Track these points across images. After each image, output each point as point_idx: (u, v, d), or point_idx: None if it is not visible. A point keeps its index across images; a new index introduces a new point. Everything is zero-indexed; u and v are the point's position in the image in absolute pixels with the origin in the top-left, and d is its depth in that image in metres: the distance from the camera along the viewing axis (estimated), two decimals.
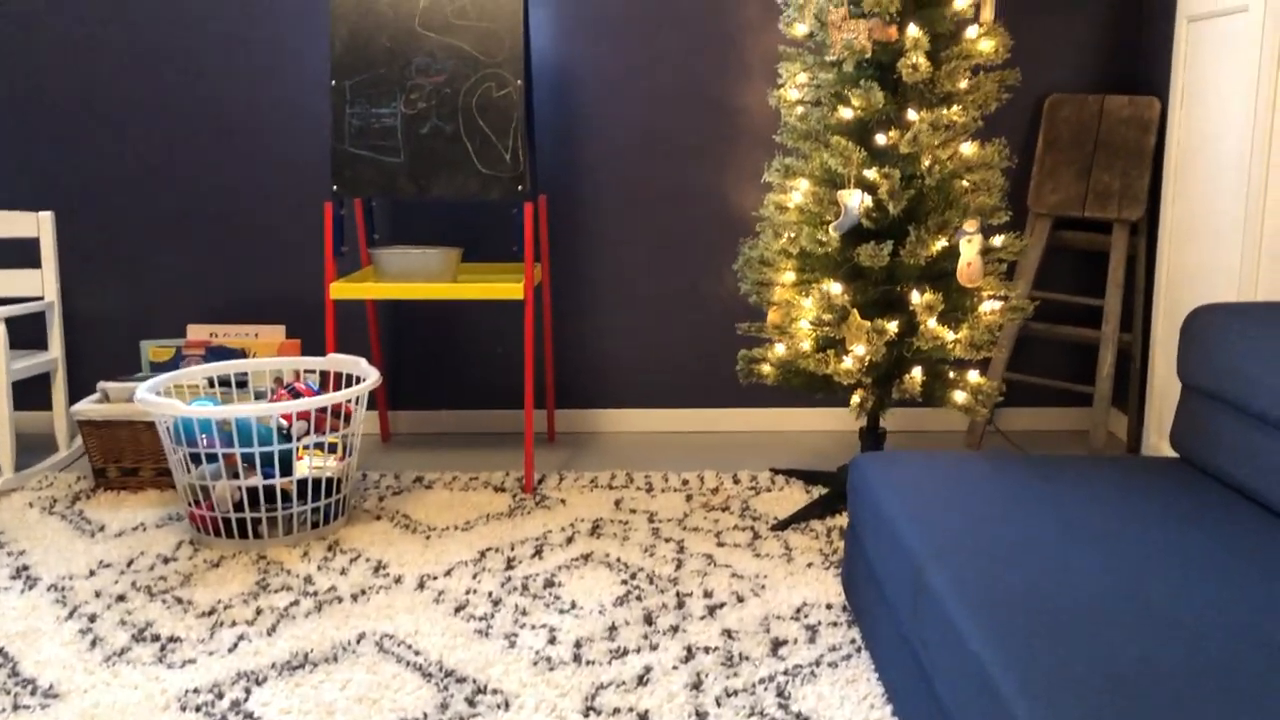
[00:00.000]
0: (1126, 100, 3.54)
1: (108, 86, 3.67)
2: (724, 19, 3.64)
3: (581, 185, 3.73)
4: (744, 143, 3.70)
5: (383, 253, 3.28)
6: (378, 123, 3.25)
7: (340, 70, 3.25)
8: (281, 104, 3.67)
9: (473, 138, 3.24)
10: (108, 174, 3.72)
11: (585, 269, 3.79)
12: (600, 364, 3.85)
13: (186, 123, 3.69)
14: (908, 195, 2.75)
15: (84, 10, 3.63)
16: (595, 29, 3.64)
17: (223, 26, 3.63)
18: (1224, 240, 3.05)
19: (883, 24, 2.75)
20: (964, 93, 2.82)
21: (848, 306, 2.82)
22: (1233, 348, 2.19)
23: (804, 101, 2.95)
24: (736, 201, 3.74)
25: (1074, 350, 3.86)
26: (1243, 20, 2.96)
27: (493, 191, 3.23)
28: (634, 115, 3.70)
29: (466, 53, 3.24)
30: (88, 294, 3.79)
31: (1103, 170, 3.56)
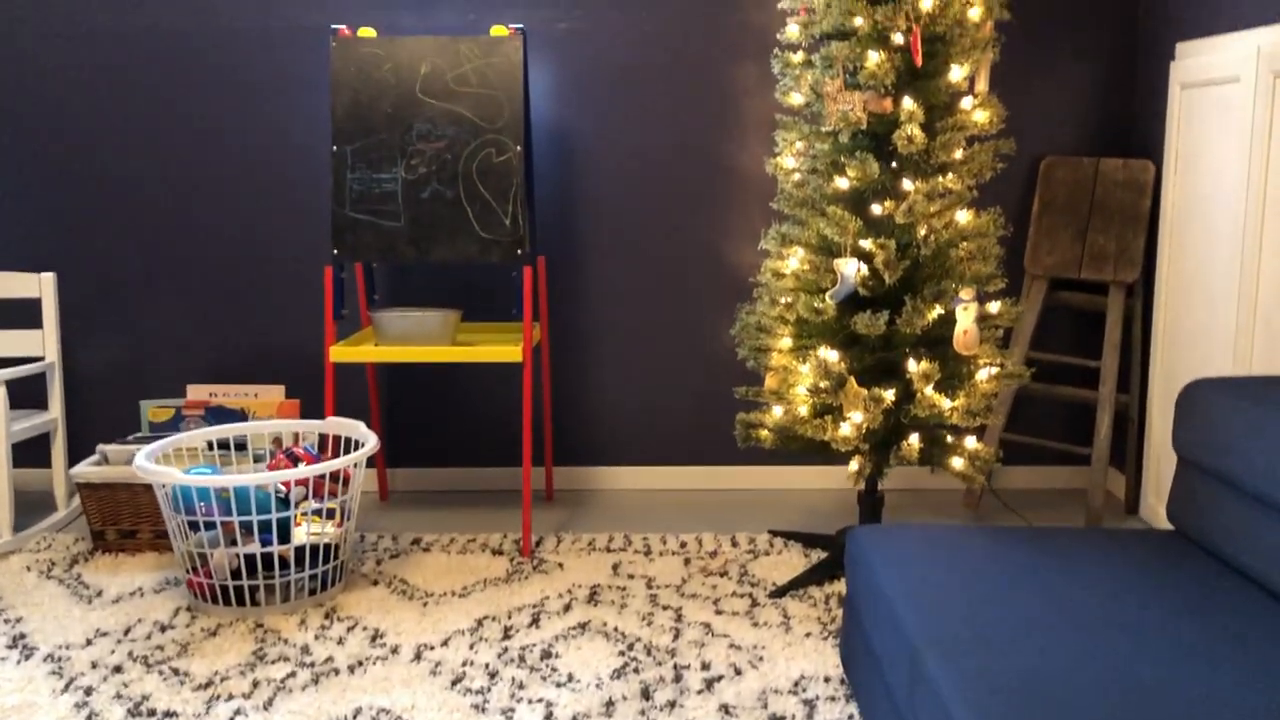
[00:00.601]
0: (1121, 163, 3.58)
1: (109, 147, 3.70)
2: (721, 82, 3.67)
3: (580, 245, 3.76)
4: (741, 202, 3.73)
5: (382, 315, 3.29)
6: (378, 188, 3.27)
7: (341, 136, 3.28)
8: (283, 166, 3.70)
9: (473, 202, 3.27)
10: (109, 233, 3.75)
11: (584, 327, 3.81)
12: (599, 421, 3.86)
13: (188, 183, 3.72)
14: (903, 265, 2.77)
15: (87, 72, 3.67)
16: (594, 92, 3.68)
17: (226, 89, 3.67)
18: (1219, 305, 3.07)
19: (878, 96, 2.79)
20: (959, 163, 2.85)
21: (844, 374, 2.84)
22: (1227, 425, 2.20)
23: (800, 170, 2.97)
24: (734, 260, 3.77)
25: (1072, 410, 3.87)
26: (1235, 90, 2.99)
27: (492, 255, 3.26)
28: (632, 176, 3.73)
29: (467, 119, 3.27)
30: (88, 352, 3.81)
31: (1098, 232, 3.58)
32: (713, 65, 3.68)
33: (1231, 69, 2.99)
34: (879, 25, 2.74)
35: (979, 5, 2.77)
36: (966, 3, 2.76)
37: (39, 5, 3.64)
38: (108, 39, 3.65)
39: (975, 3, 2.77)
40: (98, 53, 3.66)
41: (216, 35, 3.65)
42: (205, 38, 3.65)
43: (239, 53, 3.65)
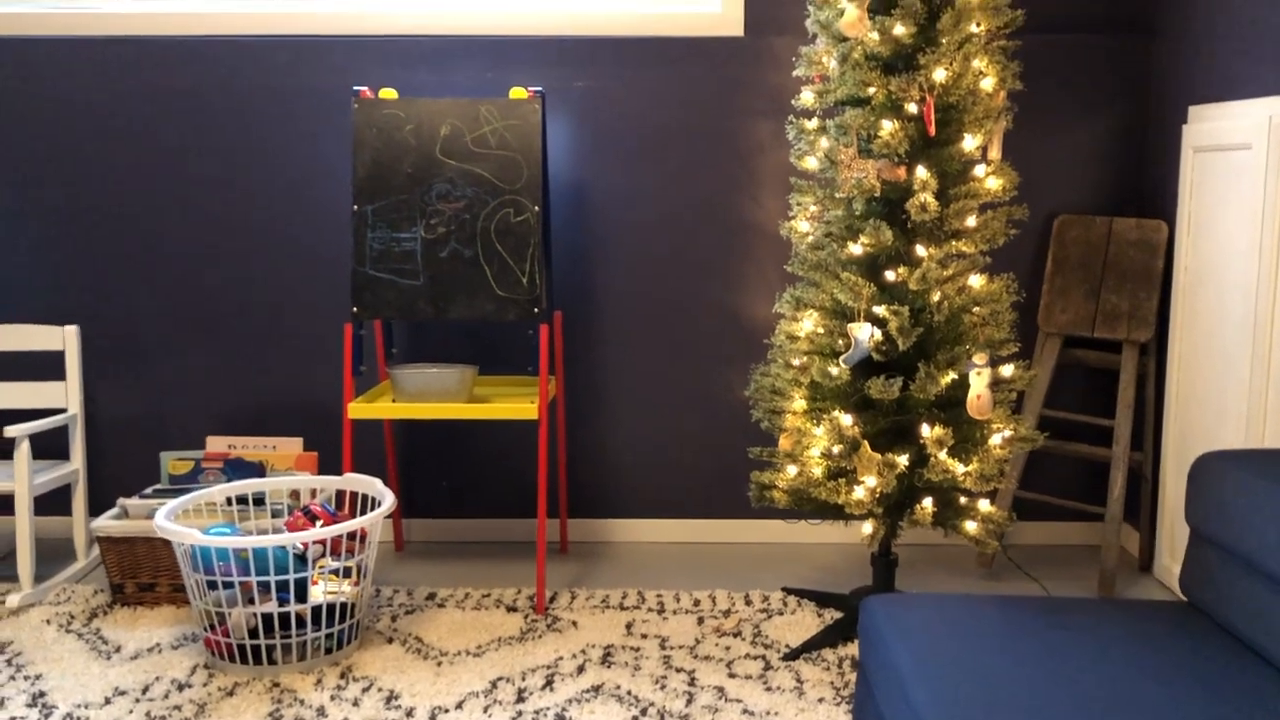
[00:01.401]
0: (1134, 223, 3.60)
1: (133, 201, 3.77)
2: (737, 139, 3.72)
3: (597, 299, 3.80)
4: (756, 258, 3.77)
5: (400, 372, 3.33)
6: (398, 246, 3.32)
7: (362, 196, 3.33)
8: (304, 223, 3.76)
9: (491, 262, 3.31)
10: (131, 285, 3.80)
11: (600, 380, 3.84)
12: (614, 473, 3.89)
13: (211, 237, 3.78)
14: (917, 332, 2.80)
15: (112, 128, 3.73)
16: (611, 148, 3.73)
17: (249, 147, 3.73)
18: (1232, 367, 3.08)
19: (891, 165, 2.82)
20: (972, 230, 2.88)
21: (858, 438, 2.86)
22: (1238, 500, 2.21)
23: (815, 234, 3.00)
24: (749, 314, 3.80)
25: (1086, 467, 3.87)
26: (1246, 157, 3.02)
27: (509, 314, 3.29)
28: (648, 231, 3.77)
29: (486, 179, 3.32)
30: (109, 402, 3.86)
31: (1111, 292, 3.60)
32: (729, 123, 3.72)
33: (1243, 136, 3.02)
34: (893, 95, 2.78)
35: (992, 76, 2.81)
36: (979, 73, 2.80)
37: (64, 62, 3.71)
38: (132, 96, 3.72)
39: (988, 73, 2.80)
40: (122, 109, 3.73)
41: (240, 93, 3.71)
42: (229, 96, 3.72)
43: (262, 111, 3.72)
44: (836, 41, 2.90)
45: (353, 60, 3.70)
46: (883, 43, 2.78)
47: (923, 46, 2.78)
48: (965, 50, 2.76)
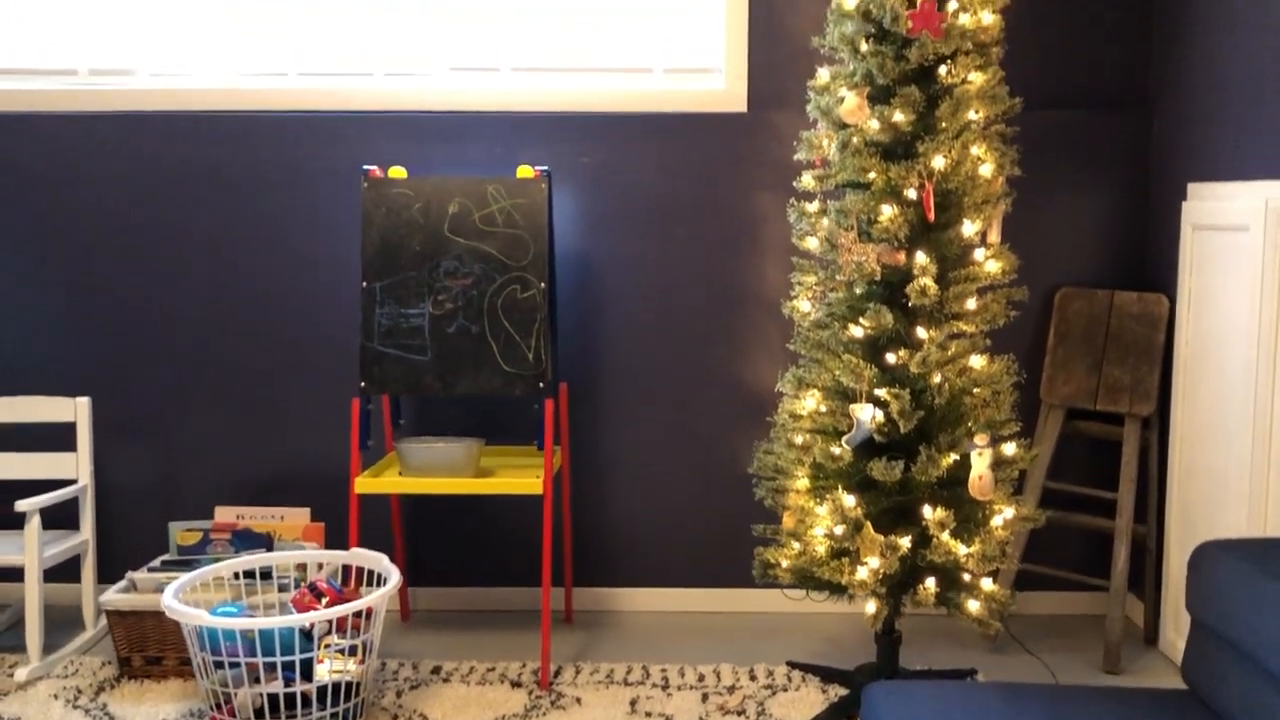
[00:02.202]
0: (1135, 297, 3.63)
1: (145, 272, 3.82)
2: (740, 211, 3.77)
3: (601, 370, 3.83)
4: (758, 327, 3.80)
5: (406, 446, 3.37)
6: (406, 322, 3.37)
7: (371, 272, 3.38)
8: (313, 297, 3.81)
9: (497, 337, 3.35)
10: (142, 357, 3.86)
11: (605, 450, 3.87)
12: (619, 542, 3.90)
13: (221, 310, 3.83)
14: (918, 415, 2.82)
15: (123, 202, 3.80)
16: (616, 221, 3.78)
17: (260, 222, 3.79)
18: (1234, 444, 3.09)
19: (891, 249, 2.86)
20: (972, 312, 2.91)
21: (861, 519, 2.87)
22: (1240, 594, 2.22)
23: (816, 314, 3.04)
24: (752, 383, 3.83)
25: (1089, 539, 3.87)
26: (1245, 239, 3.05)
27: (515, 388, 3.33)
28: (653, 302, 3.81)
29: (493, 257, 3.37)
30: (118, 471, 3.90)
31: (1113, 364, 3.62)
32: (733, 196, 3.77)
33: (1241, 218, 3.05)
34: (892, 181, 2.83)
35: (990, 162, 2.85)
36: (978, 159, 2.84)
37: (76, 136, 3.78)
38: (144, 169, 3.79)
39: (987, 159, 2.85)
40: (133, 182, 3.80)
41: (251, 168, 3.78)
42: (241, 170, 3.78)
43: (273, 185, 3.78)
44: (837, 127, 2.95)
45: (363, 135, 3.76)
46: (882, 130, 2.83)
47: (921, 134, 2.83)
48: (964, 138, 2.80)
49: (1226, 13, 3.24)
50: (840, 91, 2.89)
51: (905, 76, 2.82)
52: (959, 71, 2.80)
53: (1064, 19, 3.71)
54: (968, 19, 2.79)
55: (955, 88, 2.81)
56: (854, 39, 2.90)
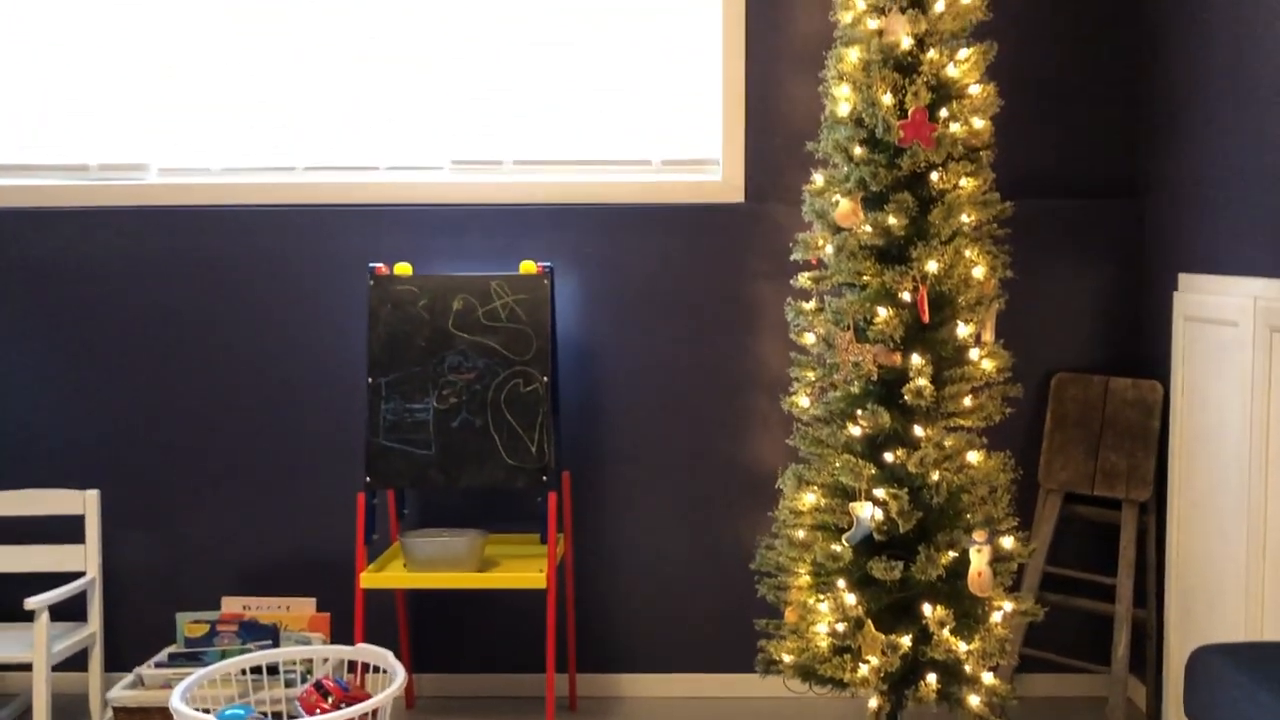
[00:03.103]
0: (1130, 383, 3.68)
1: (152, 363, 3.88)
2: (738, 300, 3.83)
3: (603, 456, 3.88)
4: (759, 412, 3.85)
5: (411, 540, 3.40)
6: (411, 417, 3.42)
7: (377, 368, 3.44)
8: (318, 391, 3.86)
9: (500, 431, 3.40)
10: (150, 444, 3.90)
11: (608, 536, 3.90)
12: (623, 628, 3.93)
13: (228, 403, 3.89)
14: (916, 515, 2.86)
15: (131, 290, 3.87)
16: (617, 310, 3.84)
17: (267, 313, 3.86)
18: (1230, 533, 3.12)
19: (887, 350, 2.92)
20: (968, 410, 2.96)
21: (862, 616, 2.91)
22: (1237, 703, 2.24)
23: (815, 412, 3.09)
24: (753, 468, 3.87)
25: (1090, 621, 3.89)
26: (1234, 334, 3.10)
27: (518, 481, 3.38)
28: (653, 389, 3.86)
29: (497, 351, 3.43)
30: (125, 560, 3.93)
31: (1110, 450, 3.67)
32: (732, 285, 3.84)
33: (1230, 314, 3.11)
34: (886, 284, 2.89)
35: (983, 265, 2.92)
36: (971, 262, 2.91)
37: (85, 230, 3.86)
38: (151, 262, 3.87)
39: (979, 262, 2.91)
40: (140, 275, 3.87)
41: (258, 261, 3.85)
42: (247, 263, 3.86)
43: (280, 279, 3.85)
44: (832, 230, 3.02)
45: (368, 228, 3.83)
46: (876, 234, 2.90)
47: (915, 238, 2.90)
48: (956, 243, 2.87)
49: (1215, 107, 3.32)
50: (834, 196, 2.96)
51: (898, 183, 2.89)
52: (950, 178, 2.88)
53: (1056, 108, 3.80)
54: (958, 127, 2.87)
55: (947, 193, 2.88)
56: (847, 145, 2.97)
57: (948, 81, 2.90)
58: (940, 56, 2.87)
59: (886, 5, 2.89)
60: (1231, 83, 3.20)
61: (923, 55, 2.88)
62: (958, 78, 2.90)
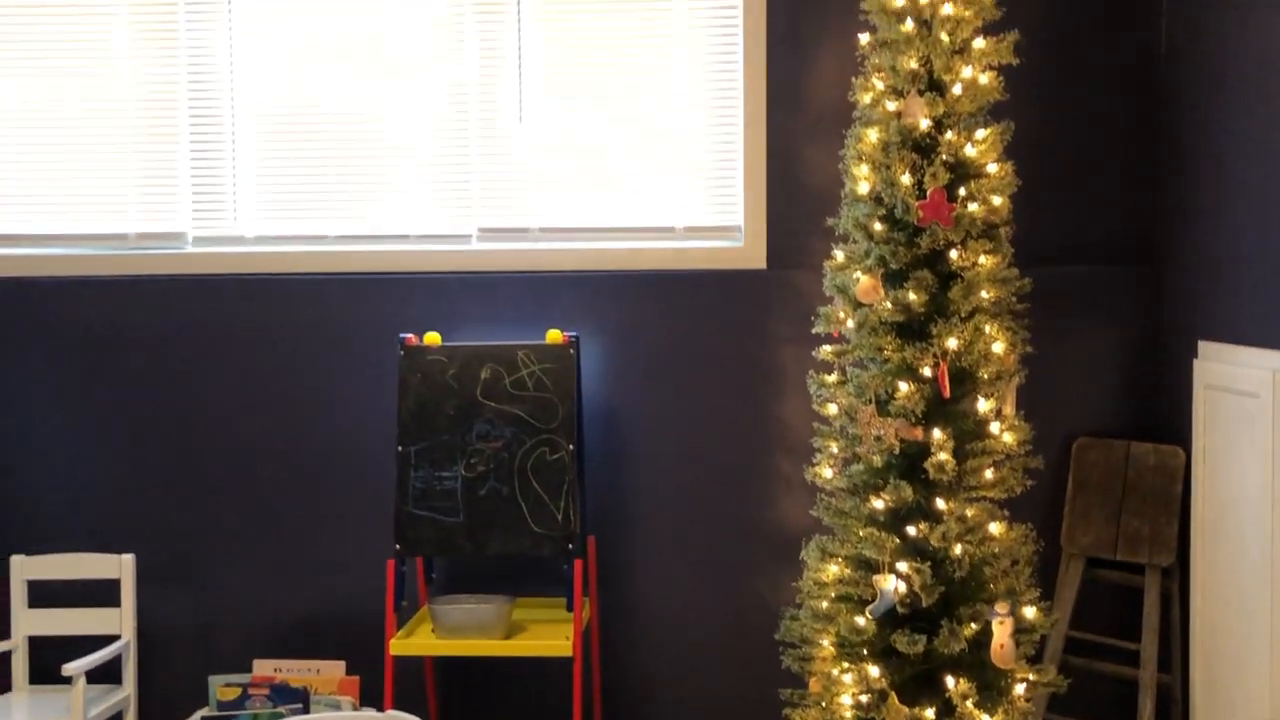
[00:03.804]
0: (1152, 448, 3.70)
1: (186, 428, 3.97)
2: (761, 365, 3.88)
3: (628, 520, 3.92)
4: (783, 475, 3.88)
5: (439, 607, 3.46)
6: (439, 485, 3.48)
7: (407, 437, 3.51)
8: (349, 458, 3.92)
9: (527, 499, 3.46)
10: (183, 508, 3.98)
11: (634, 599, 3.93)
12: (648, 694, 3.95)
13: (260, 465, 3.96)
14: (939, 589, 2.89)
15: (165, 357, 3.96)
16: (641, 374, 3.90)
17: (299, 380, 3.94)
18: (1252, 601, 3.13)
19: (909, 424, 2.96)
20: (990, 483, 3.00)
21: (886, 689, 2.93)
22: None
23: (838, 484, 3.13)
24: (778, 530, 3.89)
25: (1115, 686, 3.88)
26: (1255, 405, 3.13)
27: (544, 549, 3.44)
28: (678, 452, 3.91)
29: (524, 420, 3.50)
30: (159, 620, 3.99)
31: (1132, 515, 3.68)
32: (754, 350, 3.89)
33: (1250, 385, 3.14)
34: (907, 360, 2.93)
35: (1002, 341, 2.96)
36: (991, 338, 2.95)
37: (119, 298, 3.96)
38: (184, 329, 3.96)
39: (999, 338, 2.95)
40: (174, 342, 3.97)
41: (290, 329, 3.94)
42: (280, 331, 3.94)
43: (311, 346, 3.94)
44: (853, 305, 3.07)
45: (398, 296, 3.91)
46: (896, 311, 2.95)
47: (934, 314, 2.94)
48: (976, 320, 2.92)
49: (1235, 174, 3.36)
50: (855, 273, 3.02)
51: (917, 260, 2.94)
52: (969, 255, 2.93)
53: (1075, 175, 3.84)
54: (977, 207, 2.92)
55: (966, 271, 2.93)
56: (866, 222, 3.03)
57: (966, 161, 2.96)
58: (958, 137, 2.93)
59: (905, 88, 2.96)
60: (1251, 150, 3.24)
61: (941, 136, 2.94)
62: (975, 157, 2.96)
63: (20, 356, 4.02)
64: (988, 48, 2.97)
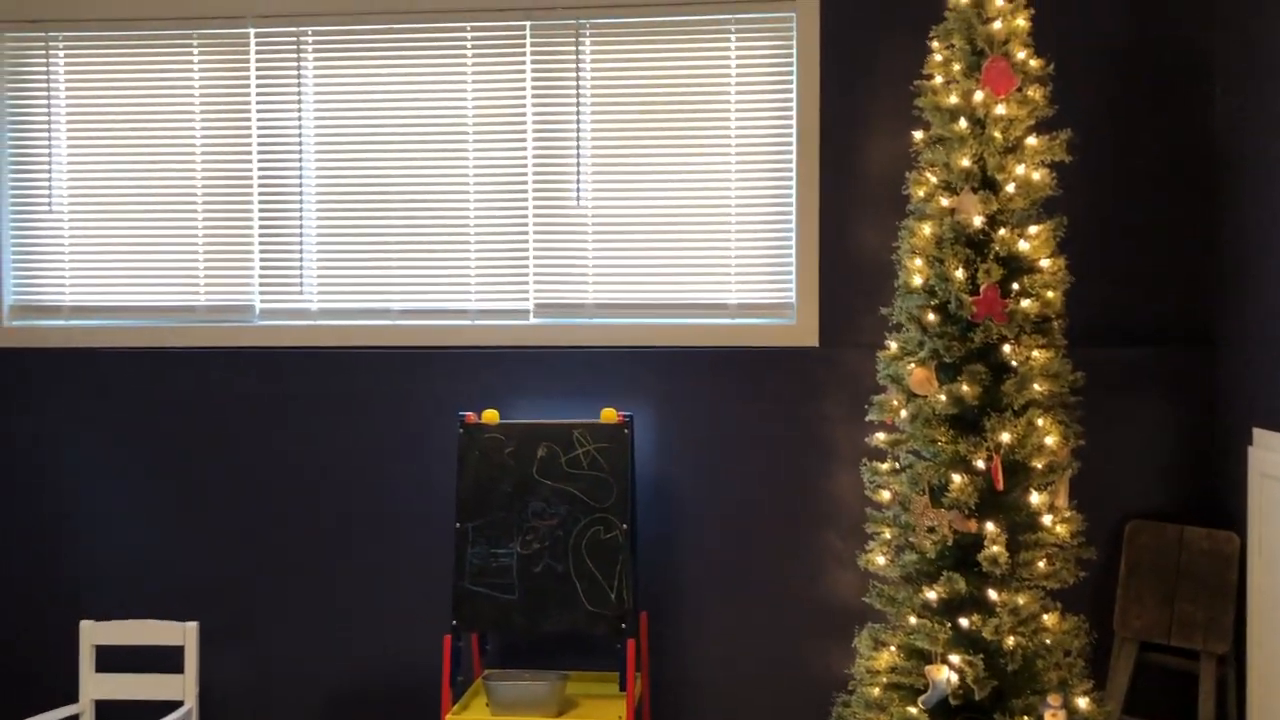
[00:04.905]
0: (1205, 533, 3.68)
1: (248, 499, 4.08)
2: (812, 441, 3.92)
3: (681, 595, 3.96)
4: (834, 549, 3.91)
5: (494, 684, 3.51)
6: (495, 562, 3.55)
7: (465, 514, 3.58)
8: (409, 527, 4.01)
9: (581, 577, 3.51)
10: (243, 572, 4.09)
11: (686, 674, 3.96)
12: None
13: (322, 534, 4.06)
14: (991, 683, 2.91)
15: (228, 428, 4.09)
16: (695, 450, 3.95)
17: (361, 452, 4.04)
18: None
19: (962, 516, 2.99)
20: (1043, 574, 3.01)
21: None
22: None
23: (891, 572, 3.16)
24: (829, 604, 3.92)
25: None
26: None
27: (598, 628, 3.48)
28: (731, 528, 3.95)
29: (579, 498, 3.56)
30: (218, 683, 4.08)
31: (1186, 600, 3.67)
32: (807, 426, 3.93)
33: None
34: (960, 452, 2.97)
35: (1055, 434, 2.98)
36: (1044, 431, 2.98)
37: (186, 370, 4.09)
38: (247, 401, 4.09)
39: (1052, 432, 2.98)
40: (237, 413, 4.09)
41: (353, 402, 4.05)
42: (343, 403, 4.05)
43: (374, 423, 4.04)
44: (907, 396, 3.11)
45: (458, 371, 4.01)
46: (950, 404, 2.98)
47: (988, 407, 2.98)
48: (1029, 414, 2.94)
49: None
50: (909, 364, 3.06)
51: (970, 354, 2.98)
52: (1022, 350, 2.96)
53: (1129, 257, 3.85)
54: (1030, 302, 2.96)
55: (1019, 365, 2.96)
56: (919, 314, 3.08)
57: (1019, 256, 3.00)
58: (1011, 234, 2.98)
59: (958, 184, 3.01)
60: None
61: (994, 232, 2.98)
62: (1029, 252, 3.00)
63: (91, 425, 4.15)
64: (1040, 146, 3.02)
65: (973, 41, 3.04)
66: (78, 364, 4.15)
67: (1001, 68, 2.96)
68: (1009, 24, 3.00)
